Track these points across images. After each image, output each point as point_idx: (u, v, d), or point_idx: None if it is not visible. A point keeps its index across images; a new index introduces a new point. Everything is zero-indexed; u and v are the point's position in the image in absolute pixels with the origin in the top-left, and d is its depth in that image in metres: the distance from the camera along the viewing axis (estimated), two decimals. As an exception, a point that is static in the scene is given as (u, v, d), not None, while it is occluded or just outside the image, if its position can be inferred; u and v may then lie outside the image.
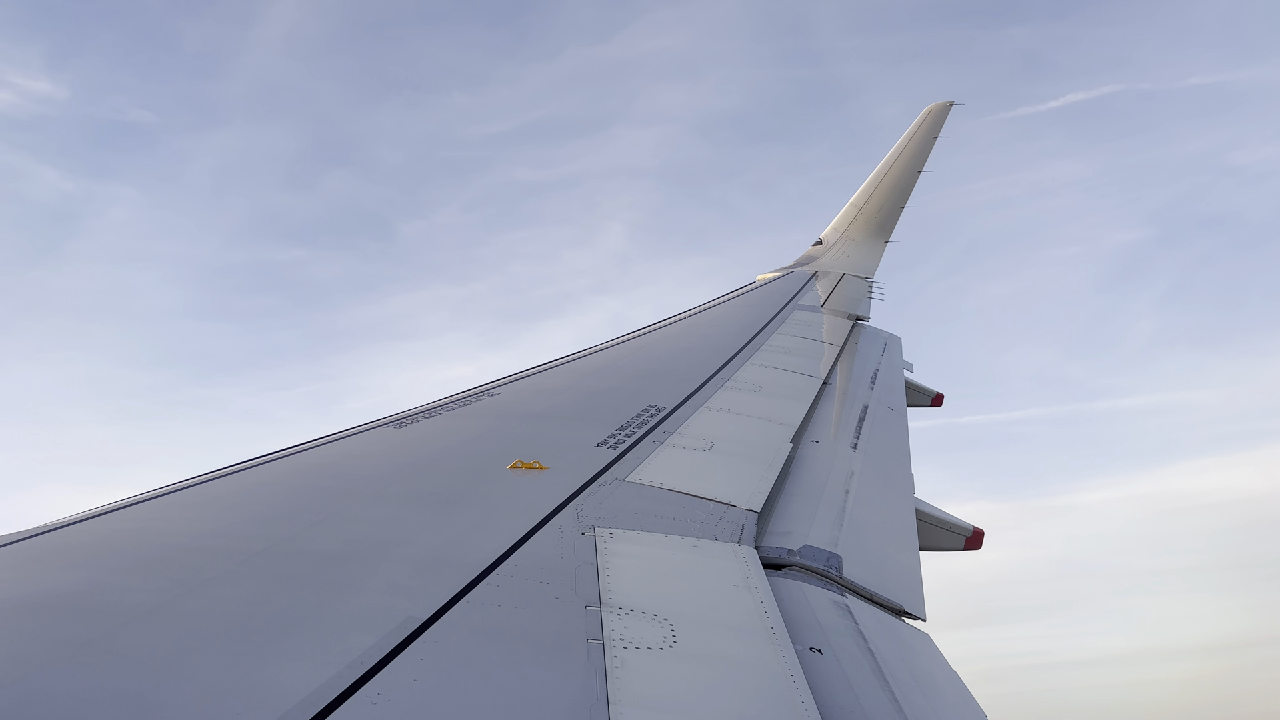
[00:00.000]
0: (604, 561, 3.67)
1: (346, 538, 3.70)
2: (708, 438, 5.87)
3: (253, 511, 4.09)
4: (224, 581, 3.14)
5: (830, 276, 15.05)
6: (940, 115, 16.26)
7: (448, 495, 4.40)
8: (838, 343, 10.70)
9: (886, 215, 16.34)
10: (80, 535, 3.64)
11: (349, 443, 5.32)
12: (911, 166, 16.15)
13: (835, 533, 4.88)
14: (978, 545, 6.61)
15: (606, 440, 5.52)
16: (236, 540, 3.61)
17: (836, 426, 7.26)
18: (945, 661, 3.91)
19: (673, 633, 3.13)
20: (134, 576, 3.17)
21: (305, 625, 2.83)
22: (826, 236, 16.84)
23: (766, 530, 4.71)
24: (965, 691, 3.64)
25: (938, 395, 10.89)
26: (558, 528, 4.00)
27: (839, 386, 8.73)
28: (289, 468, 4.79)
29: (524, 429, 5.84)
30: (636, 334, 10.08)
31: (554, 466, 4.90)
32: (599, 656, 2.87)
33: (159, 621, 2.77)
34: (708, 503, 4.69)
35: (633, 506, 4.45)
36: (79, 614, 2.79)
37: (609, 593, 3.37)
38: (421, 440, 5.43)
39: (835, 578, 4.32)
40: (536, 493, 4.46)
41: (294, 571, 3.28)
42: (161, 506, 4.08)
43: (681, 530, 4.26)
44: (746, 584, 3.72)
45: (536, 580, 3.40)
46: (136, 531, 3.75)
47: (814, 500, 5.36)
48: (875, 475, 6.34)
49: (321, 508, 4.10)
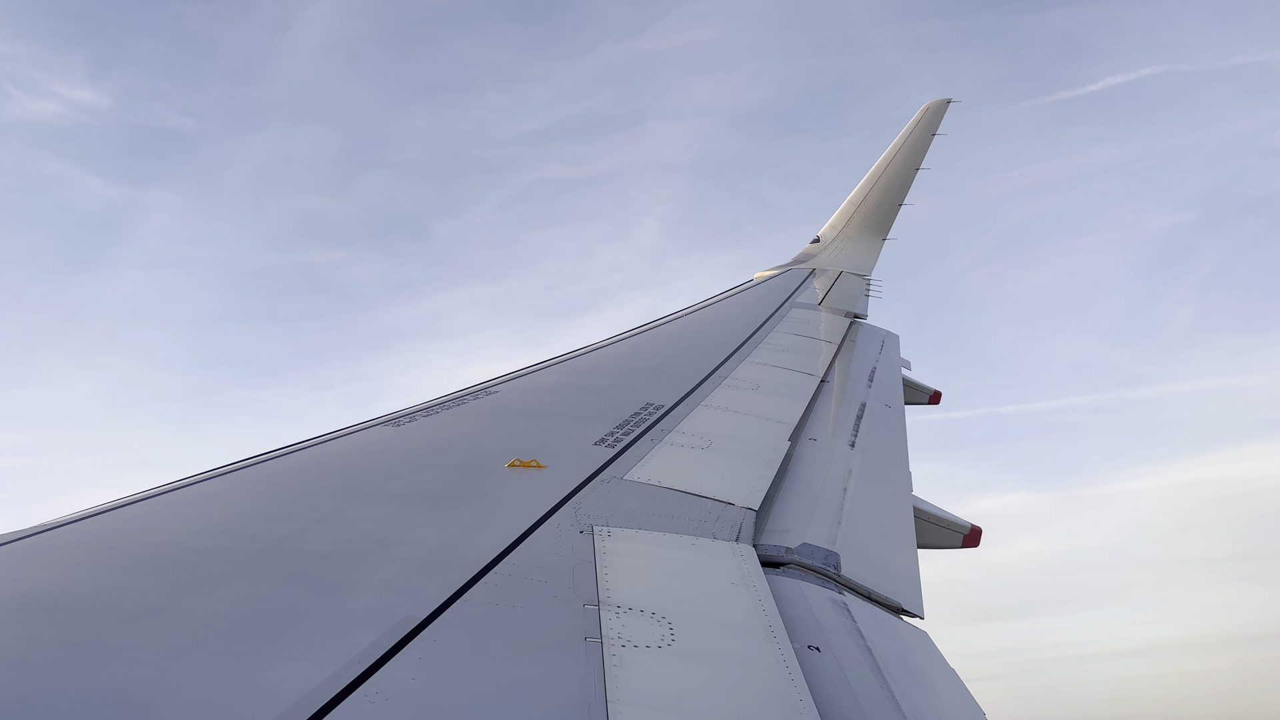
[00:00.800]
0: (602, 560, 3.67)
1: (344, 536, 3.70)
2: (706, 436, 5.87)
3: (250, 510, 4.08)
4: (221, 580, 3.13)
5: (828, 274, 15.05)
6: (938, 113, 16.27)
7: (445, 494, 4.40)
8: (835, 340, 10.70)
9: (884, 213, 16.34)
10: (77, 534, 3.63)
11: (346, 441, 5.31)
12: (909, 164, 16.16)
13: (833, 531, 4.88)
14: (975, 543, 6.61)
15: (604, 438, 5.51)
16: (234, 539, 3.60)
17: (834, 424, 7.26)
18: (943, 659, 3.91)
19: (671, 631, 3.13)
20: (131, 576, 3.16)
21: (303, 624, 2.83)
22: (824, 234, 16.85)
23: (764, 528, 4.71)
24: (964, 689, 3.65)
25: (935, 393, 10.90)
26: (556, 526, 4.00)
27: (837, 384, 8.73)
28: (286, 466, 4.78)
29: (522, 427, 5.84)
30: (634, 332, 10.07)
31: (552, 465, 4.90)
32: (597, 655, 2.87)
33: (156, 621, 2.76)
34: (706, 501, 4.69)
35: (631, 505, 4.44)
36: (76, 613, 2.78)
37: (607, 591, 3.37)
38: (419, 439, 5.43)
39: (833, 576, 4.32)
40: (534, 491, 4.45)
41: (292, 570, 3.28)
42: (158, 505, 4.08)
43: (679, 528, 4.26)
44: (745, 582, 3.72)
45: (535, 579, 3.40)
46: (133, 531, 3.74)
47: (812, 498, 5.36)
48: (873, 473, 6.34)
49: (319, 506, 4.09)
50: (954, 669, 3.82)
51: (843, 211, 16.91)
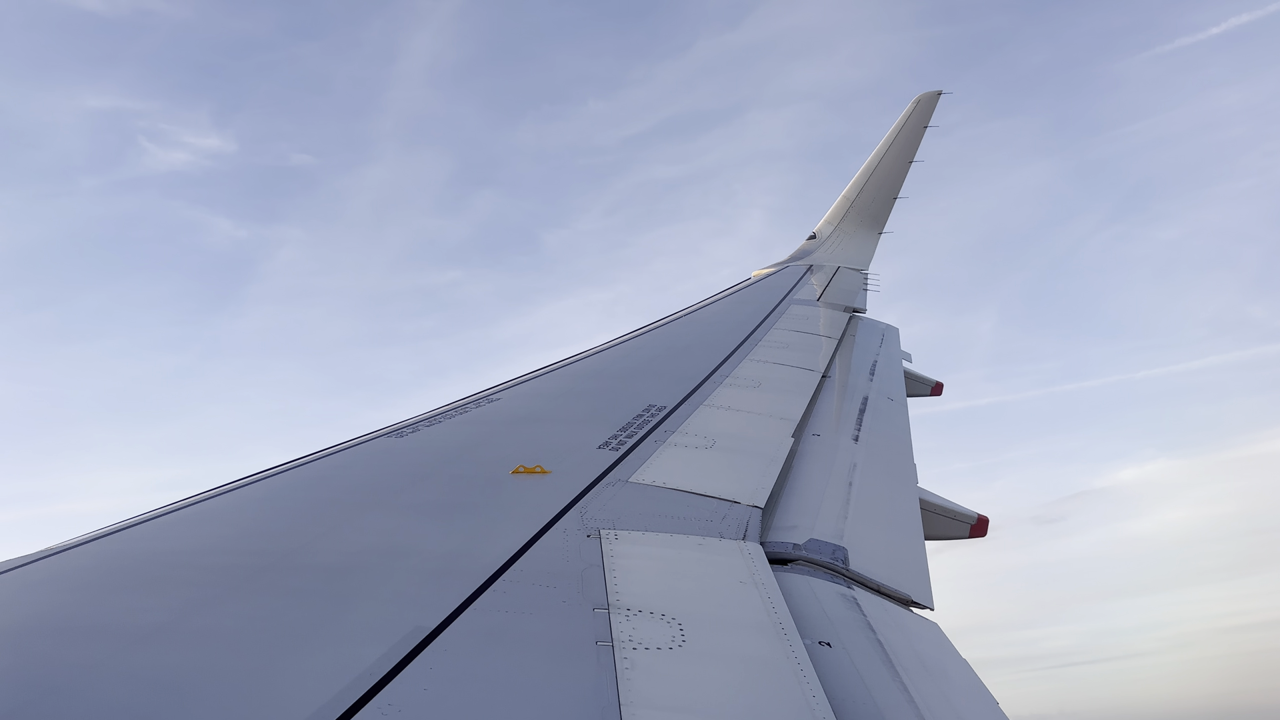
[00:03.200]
0: (610, 563, 3.67)
1: (352, 549, 3.70)
2: (709, 435, 5.87)
3: (257, 526, 4.08)
4: (229, 598, 3.13)
5: (825, 270, 15.05)
6: (929, 105, 16.26)
7: (451, 503, 4.40)
8: (835, 336, 10.69)
9: (879, 207, 16.34)
10: (83, 557, 3.62)
11: (351, 454, 5.31)
12: (902, 157, 16.16)
13: (840, 525, 4.88)
14: (982, 533, 6.62)
15: (608, 442, 5.51)
16: (241, 556, 3.60)
17: (837, 419, 7.26)
18: (955, 650, 3.90)
19: (681, 632, 3.13)
20: (139, 596, 3.16)
21: (313, 639, 2.82)
22: (820, 230, 16.84)
23: (771, 525, 4.70)
24: (976, 680, 3.64)
25: (937, 384, 10.89)
26: (563, 531, 4.00)
27: (838, 379, 8.73)
28: (292, 481, 4.78)
29: (525, 434, 5.84)
30: (634, 334, 10.07)
31: (557, 470, 4.89)
32: (609, 658, 2.87)
33: (166, 640, 2.76)
34: (711, 500, 4.68)
35: (637, 507, 4.44)
36: (85, 636, 2.78)
37: (616, 594, 3.37)
38: (423, 449, 5.43)
39: (842, 570, 4.32)
40: (540, 497, 4.45)
41: (300, 585, 3.27)
42: (164, 525, 4.07)
43: (686, 529, 4.26)
44: (753, 580, 3.72)
45: (543, 584, 3.40)
46: (141, 551, 3.74)
47: (818, 494, 5.36)
48: (878, 466, 6.34)
49: (325, 520, 4.09)
50: (966, 660, 3.81)
51: (838, 207, 16.90)
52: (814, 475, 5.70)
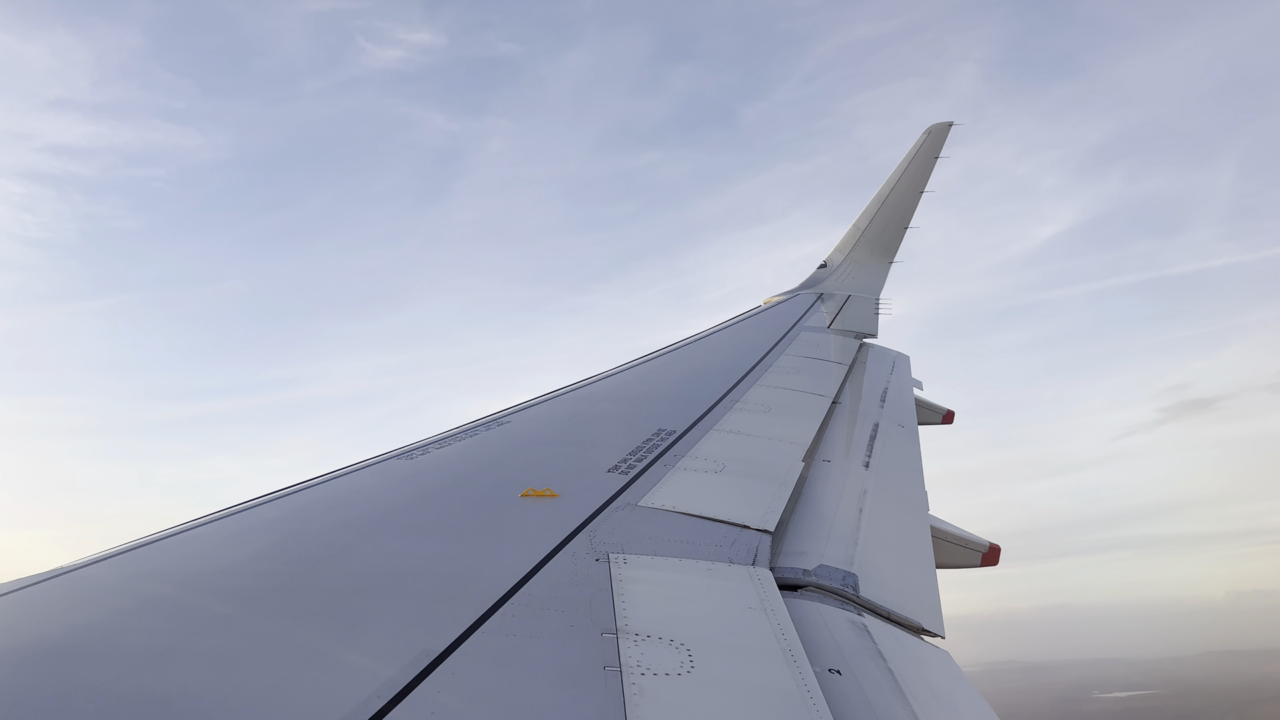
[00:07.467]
0: (619, 588, 3.65)
1: (359, 571, 3.69)
2: (719, 459, 5.85)
3: (264, 548, 4.07)
4: (237, 620, 3.13)
5: (836, 298, 15.10)
6: (940, 136, 16.34)
7: (460, 525, 4.39)
8: (846, 362, 10.68)
9: (890, 237, 16.40)
10: (93, 577, 3.63)
11: (359, 476, 5.31)
12: (913, 188, 16.24)
13: (850, 551, 4.84)
14: (994, 561, 6.56)
15: (617, 465, 5.50)
16: (248, 577, 3.59)
17: (848, 445, 7.23)
18: (966, 680, 3.86)
19: (690, 658, 3.11)
20: (145, 618, 3.16)
21: (320, 661, 2.82)
22: (831, 259, 16.92)
23: (781, 551, 4.68)
24: (987, 710, 3.60)
25: (948, 413, 10.85)
26: (571, 555, 3.98)
27: (849, 405, 8.70)
28: (300, 503, 4.78)
29: (534, 456, 5.83)
30: (644, 359, 10.09)
31: (566, 493, 4.89)
32: (616, 684, 2.85)
33: (175, 661, 2.75)
34: (721, 525, 4.66)
35: (646, 531, 4.42)
36: (94, 656, 2.78)
37: (625, 619, 3.35)
38: (432, 470, 5.43)
39: (852, 597, 4.28)
40: (549, 520, 4.44)
41: (308, 607, 3.27)
42: (173, 545, 4.08)
43: (695, 554, 4.24)
44: (762, 606, 3.69)
45: (551, 609, 3.38)
46: (149, 571, 3.74)
47: (828, 519, 5.32)
48: (889, 493, 6.30)
49: (333, 542, 4.08)
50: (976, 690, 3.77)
51: (849, 236, 16.98)
52: (824, 501, 5.67)
